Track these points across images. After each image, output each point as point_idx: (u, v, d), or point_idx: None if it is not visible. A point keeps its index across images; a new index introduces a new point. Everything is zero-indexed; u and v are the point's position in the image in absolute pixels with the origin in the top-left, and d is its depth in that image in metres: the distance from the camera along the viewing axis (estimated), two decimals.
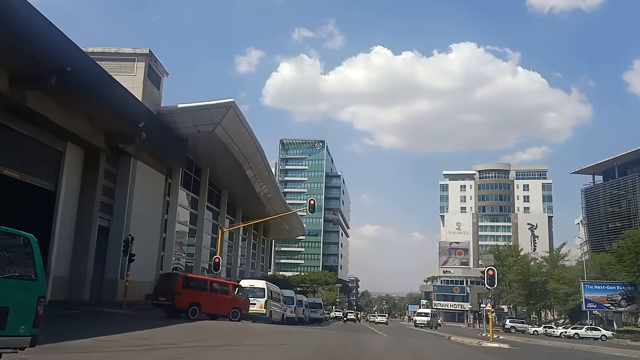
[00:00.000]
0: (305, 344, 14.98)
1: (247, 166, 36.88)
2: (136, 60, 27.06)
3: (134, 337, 12.49)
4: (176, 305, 20.36)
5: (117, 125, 22.48)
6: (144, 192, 27.32)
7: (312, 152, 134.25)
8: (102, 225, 24.80)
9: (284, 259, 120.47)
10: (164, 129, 27.95)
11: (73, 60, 17.30)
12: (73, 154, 22.45)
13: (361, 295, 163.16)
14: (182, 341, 12.59)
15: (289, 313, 31.03)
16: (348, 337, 20.85)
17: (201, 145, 31.79)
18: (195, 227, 37.01)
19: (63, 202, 21.73)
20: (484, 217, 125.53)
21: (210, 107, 28.13)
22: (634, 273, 45.28)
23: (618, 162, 73.26)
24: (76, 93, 18.42)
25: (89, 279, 23.31)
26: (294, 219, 63.41)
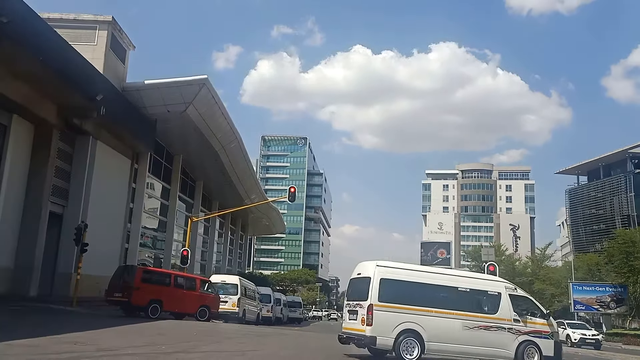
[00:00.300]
0: (278, 352, 12.59)
1: (224, 154, 34.34)
2: (97, 28, 24.33)
3: (63, 341, 9.96)
4: (133, 302, 17.87)
5: (71, 97, 19.76)
6: (106, 176, 24.64)
7: (294, 149, 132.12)
8: (56, 211, 22.06)
9: (263, 257, 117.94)
10: (129, 107, 25.30)
11: (10, 10, 14.60)
12: (20, 129, 19.69)
13: (341, 295, 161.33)
14: (124, 346, 10.09)
15: (266, 312, 28.70)
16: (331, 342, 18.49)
17: (173, 129, 29.17)
18: (166, 218, 34.34)
19: (7, 183, 18.94)
20: (466, 217, 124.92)
21: (181, 85, 25.60)
22: (623, 274, 43.92)
23: (603, 163, 72.51)
24: (16, 51, 15.68)
25: (37, 271, 20.50)
26: (274, 214, 61.02)
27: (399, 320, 11.40)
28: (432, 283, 12.27)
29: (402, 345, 11.23)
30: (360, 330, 11.33)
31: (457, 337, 11.76)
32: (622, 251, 43.58)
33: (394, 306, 11.47)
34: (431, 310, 11.71)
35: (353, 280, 12.77)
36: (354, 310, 11.91)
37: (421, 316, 11.57)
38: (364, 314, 11.29)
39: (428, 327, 11.53)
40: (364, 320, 11.20)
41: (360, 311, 11.55)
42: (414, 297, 11.80)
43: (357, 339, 11.49)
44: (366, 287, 11.60)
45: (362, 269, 12.58)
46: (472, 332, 11.89)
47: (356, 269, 12.98)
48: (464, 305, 12.14)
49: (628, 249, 42.98)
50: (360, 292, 11.83)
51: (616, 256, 44.44)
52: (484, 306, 12.43)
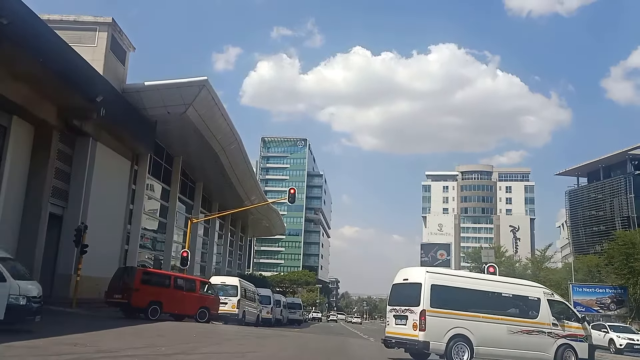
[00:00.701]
0: (278, 354, 12.58)
1: (224, 155, 34.28)
2: (98, 29, 24.28)
3: (63, 342, 9.97)
4: (132, 303, 17.88)
5: (71, 98, 19.70)
6: (105, 178, 24.59)
7: (294, 151, 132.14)
8: (55, 213, 22.00)
9: (263, 259, 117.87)
10: (129, 108, 25.25)
11: (10, 12, 14.60)
12: (20, 130, 19.61)
13: (341, 297, 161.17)
14: (124, 348, 10.09)
15: (265, 314, 28.68)
16: (331, 343, 18.50)
17: (172, 130, 29.11)
18: (165, 220, 34.28)
19: (7, 185, 18.86)
20: (466, 219, 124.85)
21: (181, 86, 25.55)
22: (623, 275, 43.88)
23: (603, 164, 72.44)
24: (16, 53, 15.67)
25: (37, 273, 20.32)
26: (273, 216, 60.97)
27: (450, 325, 11.75)
28: (478, 289, 12.73)
29: (453, 349, 11.63)
30: (413, 335, 11.62)
31: (502, 341, 12.21)
32: (622, 253, 43.57)
33: (445, 311, 11.80)
34: (479, 315, 12.15)
35: (397, 285, 13.05)
36: (402, 315, 12.15)
37: (470, 321, 11.96)
38: (416, 319, 11.56)
39: (476, 332, 11.93)
40: (417, 325, 11.49)
41: (411, 316, 11.79)
42: (462, 303, 12.16)
43: (410, 344, 11.77)
44: (416, 292, 11.88)
45: (408, 275, 12.93)
46: (516, 336, 12.36)
47: (400, 274, 13.33)
48: (508, 310, 12.66)
49: (628, 251, 42.97)
50: (409, 298, 12.12)
51: (616, 258, 44.42)
52: (526, 311, 12.89)
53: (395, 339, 12.25)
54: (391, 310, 12.79)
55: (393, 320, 12.58)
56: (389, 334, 12.62)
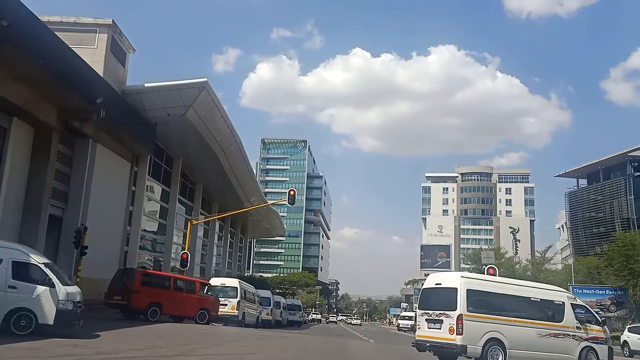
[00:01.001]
0: (277, 356, 12.57)
1: (223, 157, 34.29)
2: (98, 31, 24.30)
3: (63, 344, 9.98)
4: (132, 305, 17.89)
5: (71, 100, 19.71)
6: (105, 179, 24.59)
7: (293, 152, 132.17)
8: (55, 214, 21.99)
9: (263, 260, 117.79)
10: (129, 110, 25.26)
11: (10, 14, 14.61)
12: (20, 132, 19.61)
13: (341, 298, 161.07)
14: (124, 349, 10.09)
15: (265, 315, 28.66)
16: (331, 344, 18.49)
17: (172, 132, 29.13)
18: (165, 221, 34.28)
19: (7, 186, 18.86)
20: (466, 220, 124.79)
21: (181, 87, 25.57)
22: (623, 277, 43.88)
23: (603, 166, 72.40)
24: (17, 54, 15.68)
25: None
26: (273, 217, 60.96)
27: (485, 329, 12.05)
28: (510, 293, 13.11)
29: (488, 353, 11.94)
30: (449, 339, 11.87)
31: (532, 344, 12.61)
32: (622, 254, 43.55)
33: (480, 316, 12.13)
34: (511, 319, 12.51)
35: (429, 290, 13.36)
36: (437, 319, 12.34)
37: (503, 325, 12.30)
38: (452, 323, 11.79)
39: (509, 335, 12.26)
40: (454, 329, 11.74)
41: (446, 320, 12.01)
42: (495, 307, 12.53)
43: (447, 348, 11.98)
44: (451, 297, 12.12)
45: (441, 280, 13.26)
46: (544, 339, 12.83)
47: (431, 279, 13.72)
48: (536, 314, 13.09)
49: (628, 252, 42.95)
50: (444, 302, 12.33)
51: (616, 259, 44.41)
52: (552, 315, 13.37)
53: (430, 343, 12.46)
54: (423, 314, 12.98)
55: (425, 324, 12.77)
56: (421, 338, 12.84)
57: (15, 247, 11.44)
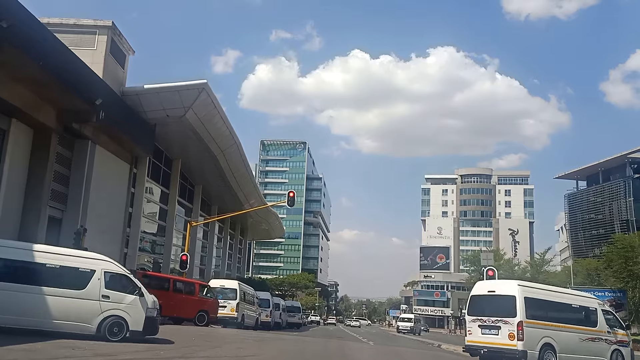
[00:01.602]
0: (277, 357, 12.55)
1: (223, 159, 34.29)
2: (97, 33, 24.27)
3: (61, 346, 9.95)
4: None
5: (70, 101, 19.70)
6: (105, 181, 24.55)
7: (293, 154, 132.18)
8: (55, 216, 21.96)
9: (262, 262, 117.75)
10: (128, 111, 25.25)
11: (10, 15, 14.62)
12: (19, 133, 19.59)
13: (340, 300, 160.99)
14: (123, 351, 10.06)
15: (264, 317, 28.62)
16: (330, 346, 18.46)
17: (171, 133, 29.14)
18: (165, 223, 34.25)
19: (6, 188, 18.84)
20: (465, 222, 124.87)
21: (181, 89, 25.56)
22: (622, 279, 43.84)
23: (602, 168, 72.49)
24: (16, 56, 15.67)
25: None
26: (273, 219, 60.91)
27: (541, 335, 12.80)
28: (557, 300, 14.10)
29: (544, 357, 12.74)
30: (509, 344, 12.53)
31: (576, 348, 13.56)
32: (621, 256, 43.53)
33: (536, 322, 12.88)
34: (559, 325, 13.45)
35: (481, 297, 13.91)
36: (493, 325, 12.96)
37: (553, 330, 13.16)
38: (512, 329, 12.42)
39: (558, 340, 13.09)
40: (514, 335, 12.38)
41: (505, 327, 12.61)
42: (547, 313, 13.38)
43: (509, 353, 12.58)
44: (509, 304, 12.76)
45: (495, 287, 14.02)
46: (584, 343, 13.84)
47: (482, 286, 14.41)
48: (577, 319, 14.06)
49: (627, 254, 42.94)
50: (502, 309, 12.97)
51: (615, 261, 44.38)
52: (588, 320, 14.36)
53: (487, 348, 13.04)
54: (475, 320, 13.49)
55: (478, 330, 13.29)
56: (474, 343, 13.45)
57: (106, 259, 12.27)
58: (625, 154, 67.46)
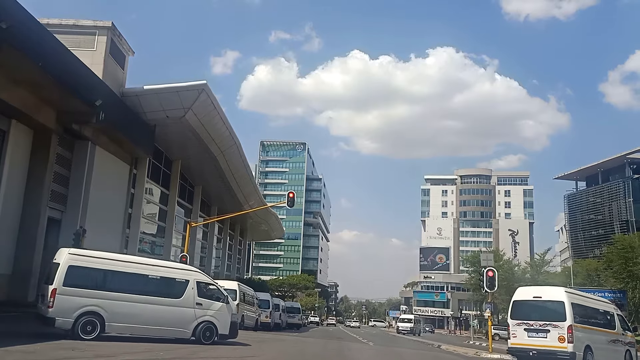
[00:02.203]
0: (277, 358, 12.54)
1: (223, 159, 34.27)
2: (97, 34, 24.28)
3: (61, 347, 9.95)
4: None
5: (70, 102, 19.70)
6: (104, 182, 24.53)
7: (292, 154, 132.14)
8: (54, 217, 21.95)
9: (262, 263, 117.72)
10: (128, 112, 25.23)
11: (9, 16, 14.62)
12: (19, 134, 19.60)
13: (340, 301, 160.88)
14: (122, 353, 10.06)
15: (264, 318, 28.55)
16: (330, 346, 18.45)
17: (171, 134, 29.13)
18: (164, 224, 34.23)
19: (5, 189, 18.83)
20: (465, 223, 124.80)
21: (180, 90, 25.54)
22: (622, 279, 43.83)
23: (602, 168, 72.55)
24: (15, 57, 15.67)
25: (35, 277, 20.36)
26: (272, 220, 60.89)
27: (584, 338, 13.98)
28: (591, 306, 15.48)
29: (587, 357, 13.97)
30: (559, 347, 13.57)
31: (605, 349, 14.88)
32: (621, 256, 43.54)
33: (580, 326, 14.09)
34: (594, 328, 14.87)
35: (526, 302, 14.88)
36: (541, 329, 13.93)
37: (591, 334, 14.44)
38: (562, 333, 13.45)
39: (594, 342, 14.40)
40: (564, 338, 13.42)
41: (555, 330, 13.62)
42: (586, 318, 14.62)
43: (560, 355, 13.56)
44: (558, 309, 13.86)
45: (541, 293, 15.04)
46: (609, 345, 15.26)
47: (527, 292, 15.52)
48: (603, 323, 15.34)
49: (627, 255, 42.95)
50: (549, 314, 14.05)
51: (615, 261, 44.39)
52: (610, 324, 15.78)
53: (537, 350, 13.88)
54: (520, 324, 14.40)
55: (524, 333, 14.16)
56: (521, 345, 14.24)
57: (196, 270, 13.98)
58: (625, 154, 67.51)
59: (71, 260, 11.62)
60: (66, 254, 11.73)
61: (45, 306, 11.26)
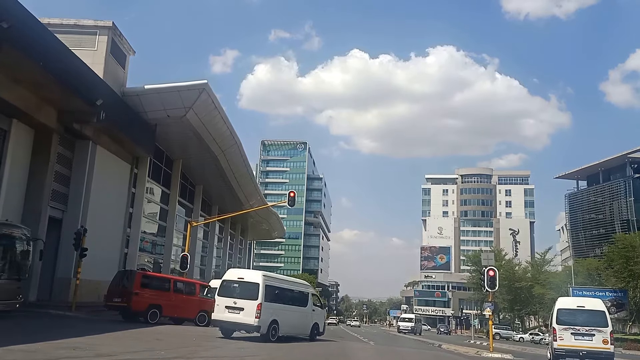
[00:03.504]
0: (278, 357, 12.55)
1: (223, 159, 34.28)
2: (98, 33, 24.31)
3: (62, 346, 9.93)
4: (132, 307, 17.82)
5: (71, 102, 19.75)
6: (105, 181, 24.58)
7: (293, 154, 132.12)
8: (55, 216, 22.00)
9: (263, 262, 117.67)
10: (129, 112, 25.27)
11: (11, 16, 14.63)
12: (20, 134, 19.67)
13: (341, 300, 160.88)
14: (123, 352, 10.06)
15: None
16: (332, 346, 18.44)
17: (172, 133, 29.15)
18: (165, 223, 34.25)
19: (7, 188, 18.88)
20: (466, 222, 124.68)
21: (181, 89, 25.56)
22: (623, 279, 43.88)
23: (602, 168, 72.45)
24: (17, 57, 15.69)
25: (36, 277, 20.41)
26: (273, 219, 60.91)
27: None
28: None
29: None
30: (604, 348, 16.19)
31: None
32: (622, 256, 43.58)
33: None
34: None
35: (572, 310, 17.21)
36: (587, 333, 16.43)
37: None
38: (606, 337, 16.21)
39: None
40: (607, 341, 16.22)
41: (599, 335, 16.26)
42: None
43: (605, 355, 16.11)
44: (601, 318, 16.47)
45: (584, 303, 17.49)
46: None
47: (572, 301, 18.59)
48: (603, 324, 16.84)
49: (628, 254, 42.99)
50: (593, 321, 16.47)
51: (616, 261, 44.44)
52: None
53: (586, 351, 16.18)
54: (567, 329, 16.66)
55: (571, 337, 16.48)
56: (568, 347, 16.41)
57: (308, 284, 19.00)
58: (626, 153, 67.42)
59: (265, 280, 15.30)
60: (261, 276, 15.42)
61: None
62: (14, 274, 14.49)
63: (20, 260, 14.59)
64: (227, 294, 15.29)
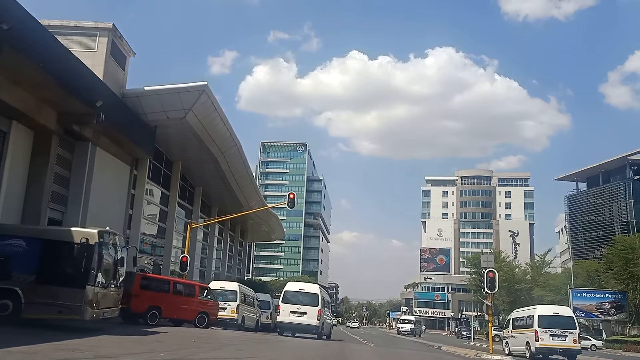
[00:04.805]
0: (277, 359, 12.54)
1: (223, 160, 34.28)
2: (98, 35, 24.30)
3: (61, 348, 9.92)
4: (132, 308, 17.78)
5: (71, 103, 19.69)
6: (105, 182, 24.55)
7: (293, 155, 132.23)
8: (55, 217, 21.93)
9: (263, 264, 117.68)
10: (128, 113, 25.25)
11: (10, 17, 14.62)
12: (19, 135, 19.58)
13: (341, 302, 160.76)
14: (122, 353, 10.05)
15: (265, 319, 28.56)
16: (331, 347, 18.44)
17: (172, 135, 29.14)
18: (165, 225, 34.23)
19: (6, 190, 18.83)
20: (465, 224, 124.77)
21: (181, 91, 25.55)
22: (623, 280, 43.89)
23: (602, 169, 72.57)
24: (16, 58, 15.68)
25: None
26: (273, 221, 60.87)
27: None
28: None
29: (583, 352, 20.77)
30: (574, 346, 19.99)
31: None
32: (622, 258, 43.60)
33: None
34: None
35: (550, 316, 20.77)
36: (562, 334, 19.83)
37: None
38: (575, 337, 19.90)
39: None
40: (576, 340, 20.10)
41: (570, 335, 19.81)
42: None
43: (575, 352, 20.07)
44: (571, 321, 20.52)
45: (558, 310, 21.50)
46: None
47: (549, 309, 22.26)
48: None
49: (627, 256, 43.01)
50: (565, 324, 20.16)
51: (615, 263, 44.46)
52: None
53: (562, 349, 19.97)
54: (546, 331, 19.90)
55: (550, 338, 19.82)
56: (548, 346, 19.78)
57: (320, 286, 22.61)
58: (625, 155, 67.53)
59: (321, 292, 20.78)
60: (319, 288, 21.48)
61: None
62: (118, 281, 14.51)
63: (120, 267, 14.58)
64: (291, 301, 20.42)
